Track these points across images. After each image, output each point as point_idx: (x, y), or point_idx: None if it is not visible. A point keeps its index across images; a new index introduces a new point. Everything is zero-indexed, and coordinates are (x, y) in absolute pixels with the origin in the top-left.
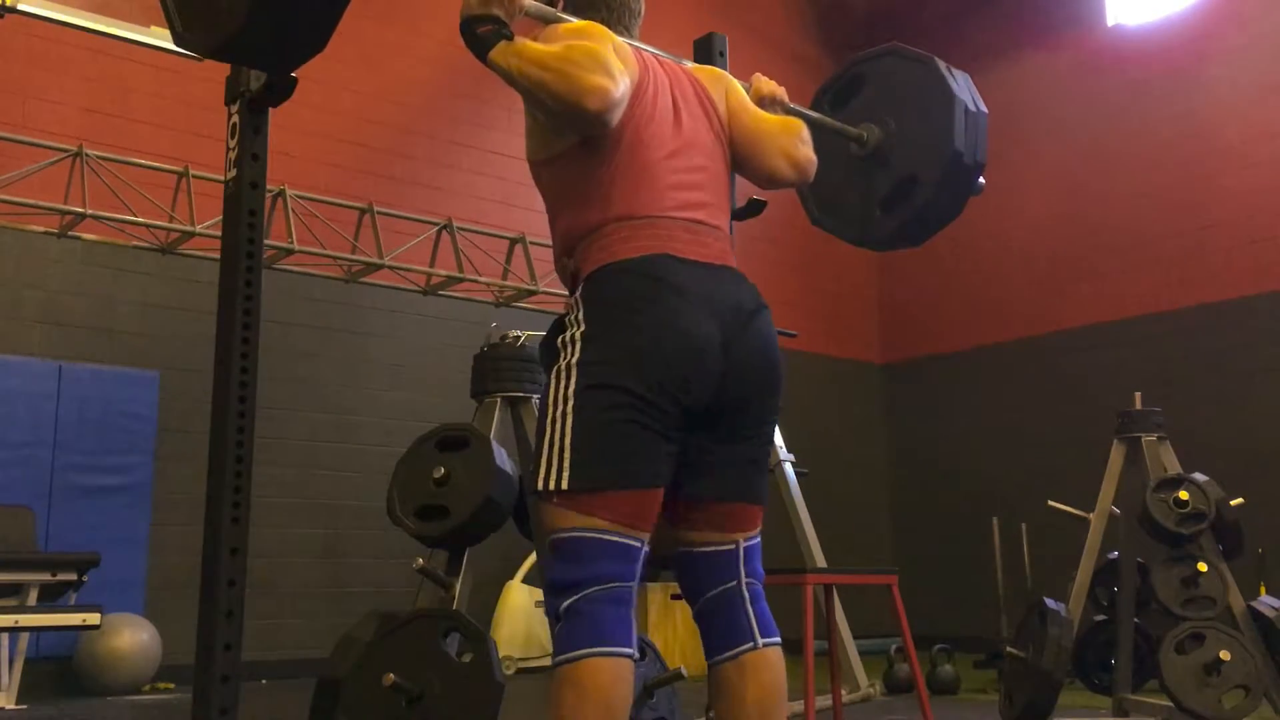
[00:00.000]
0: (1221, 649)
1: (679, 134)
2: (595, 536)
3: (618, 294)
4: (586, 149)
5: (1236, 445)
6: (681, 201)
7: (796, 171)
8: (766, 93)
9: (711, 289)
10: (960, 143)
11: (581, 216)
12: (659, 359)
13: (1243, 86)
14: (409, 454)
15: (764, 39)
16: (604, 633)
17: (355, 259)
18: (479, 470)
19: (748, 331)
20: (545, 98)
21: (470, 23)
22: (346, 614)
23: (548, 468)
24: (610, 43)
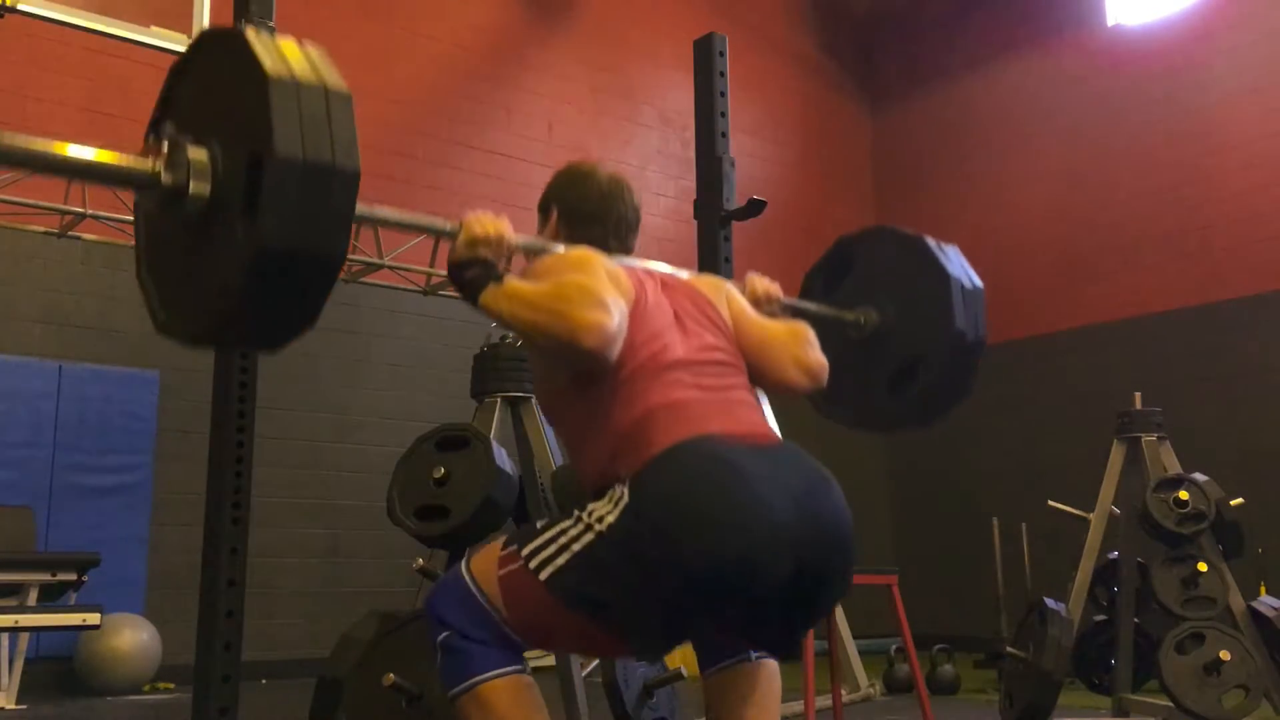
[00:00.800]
0: (1221, 649)
1: (685, 336)
2: (497, 624)
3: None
4: (594, 374)
5: (1236, 445)
6: (707, 386)
7: (810, 379)
8: (761, 292)
9: (774, 466)
10: (961, 323)
11: (613, 427)
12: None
13: (1243, 86)
14: (409, 454)
15: (764, 39)
16: (487, 660)
17: (355, 259)
18: (479, 470)
19: (824, 510)
20: (541, 339)
21: (458, 268)
22: (346, 614)
23: (543, 545)
24: (601, 270)
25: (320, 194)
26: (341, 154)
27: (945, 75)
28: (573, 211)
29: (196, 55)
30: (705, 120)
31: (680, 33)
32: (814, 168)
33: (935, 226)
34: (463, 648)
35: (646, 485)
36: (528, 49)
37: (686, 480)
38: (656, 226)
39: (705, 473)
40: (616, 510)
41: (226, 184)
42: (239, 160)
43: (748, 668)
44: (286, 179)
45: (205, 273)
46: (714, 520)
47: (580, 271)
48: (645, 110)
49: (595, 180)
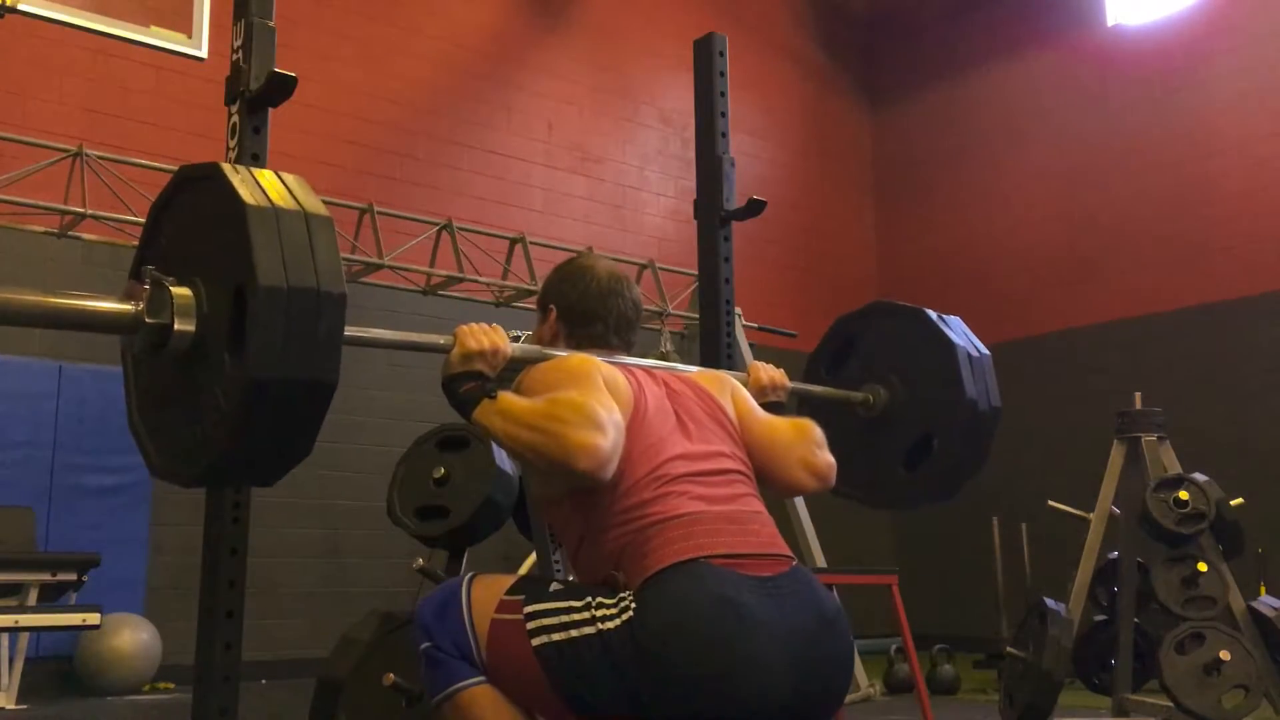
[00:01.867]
0: (1221, 649)
1: (690, 442)
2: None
3: (672, 614)
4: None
5: (1236, 445)
6: (712, 497)
7: (818, 480)
8: (766, 380)
9: (779, 612)
10: (972, 392)
11: (614, 535)
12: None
13: (1243, 86)
14: (409, 454)
15: (764, 39)
16: (469, 670)
17: (355, 259)
18: (479, 470)
19: (820, 666)
20: (533, 458)
21: (452, 381)
22: (346, 614)
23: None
24: (598, 381)
25: (307, 320)
26: (326, 279)
27: (945, 75)
28: (571, 310)
29: (176, 194)
30: (705, 120)
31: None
32: (814, 168)
33: (935, 226)
34: (442, 659)
35: (648, 610)
36: (528, 49)
37: (686, 620)
38: (656, 226)
39: (705, 610)
40: (618, 620)
41: (212, 320)
42: (224, 295)
43: None
44: (271, 308)
45: (197, 411)
46: (708, 674)
47: (576, 385)
48: (645, 110)
49: (594, 277)
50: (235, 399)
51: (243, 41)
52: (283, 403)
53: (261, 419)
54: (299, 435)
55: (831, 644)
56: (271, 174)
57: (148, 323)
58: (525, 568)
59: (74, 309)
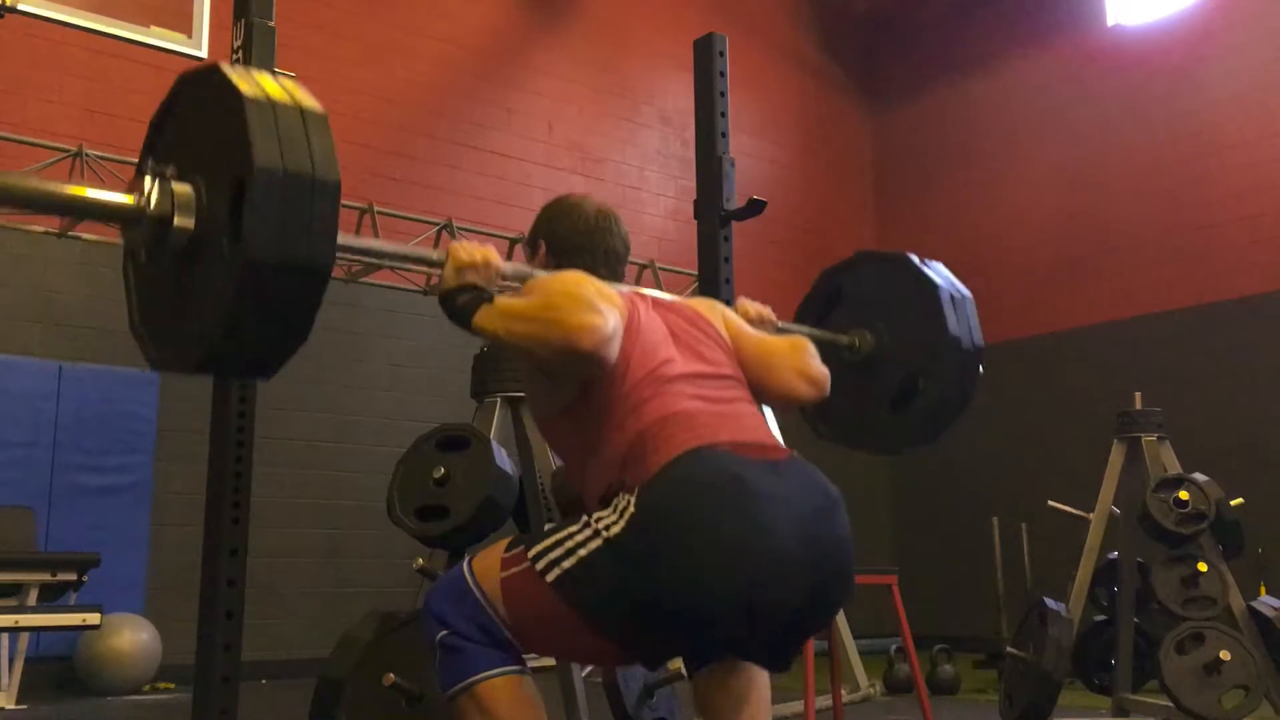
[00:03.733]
0: (1221, 649)
1: (682, 351)
2: (499, 627)
3: (684, 495)
4: (595, 390)
5: (1236, 445)
6: (710, 397)
7: (814, 387)
8: (754, 315)
9: (786, 490)
10: (955, 329)
11: (617, 441)
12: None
13: (1243, 87)
14: (409, 454)
15: (764, 39)
16: (485, 660)
17: (355, 259)
18: (479, 470)
19: (828, 539)
20: (537, 349)
21: (449, 295)
22: (346, 614)
23: (550, 548)
24: (591, 283)
25: (303, 205)
26: (320, 165)
27: (945, 75)
28: (561, 244)
29: (177, 97)
30: (705, 120)
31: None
32: (814, 168)
33: (935, 226)
34: (461, 646)
35: (654, 497)
36: (528, 49)
37: (694, 496)
38: (656, 226)
39: (714, 490)
40: (622, 521)
41: (212, 213)
42: (223, 189)
43: (735, 667)
44: (268, 192)
45: (196, 301)
46: (720, 545)
47: (570, 284)
48: (645, 110)
49: (582, 212)
50: (233, 283)
51: (243, 41)
52: (279, 286)
53: (259, 302)
54: (295, 321)
55: (839, 523)
56: (268, 74)
57: (149, 214)
58: None
59: (79, 198)
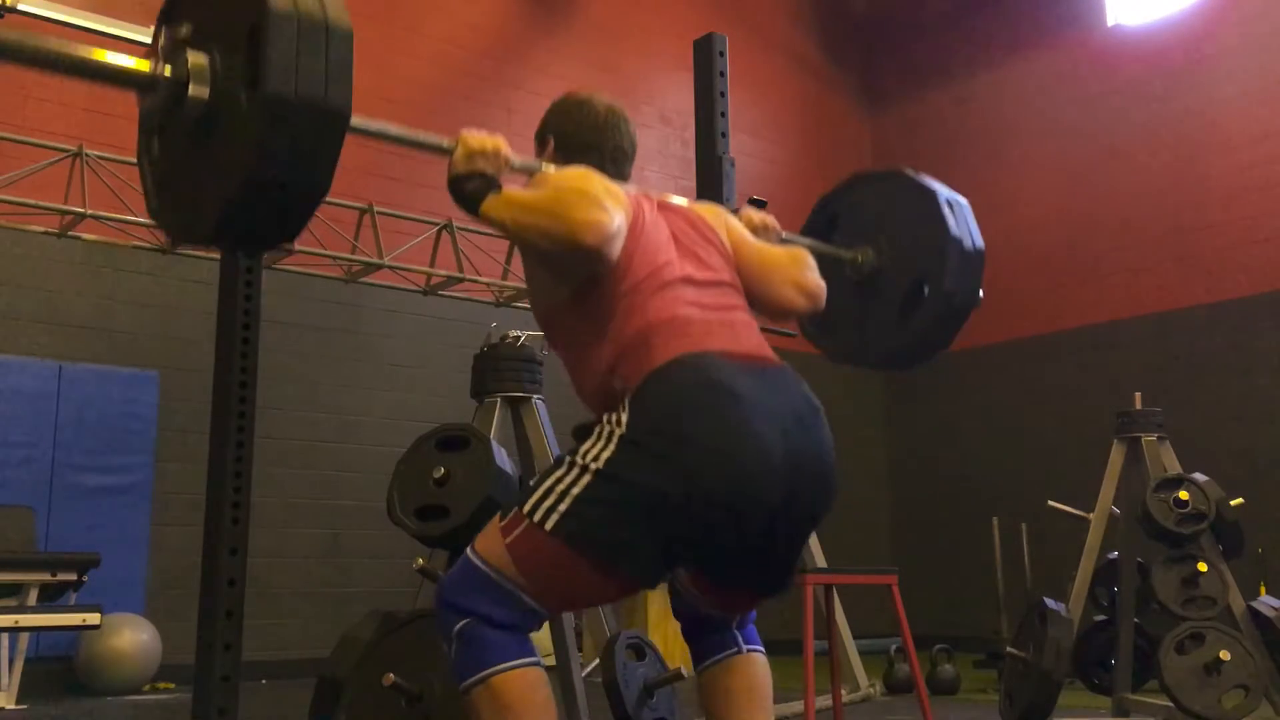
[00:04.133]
0: (1221, 649)
1: (683, 255)
2: (513, 592)
3: (667, 404)
4: (595, 287)
5: (1236, 445)
6: (705, 304)
7: (809, 299)
8: (758, 223)
9: (769, 396)
10: (955, 230)
11: (612, 341)
12: (709, 486)
13: (1242, 86)
14: (409, 454)
15: (764, 39)
16: (504, 651)
17: (355, 259)
18: (479, 470)
19: (807, 441)
20: (541, 241)
21: (458, 180)
22: (346, 614)
23: (542, 498)
24: (599, 181)
25: (317, 48)
26: (333, 12)
27: (945, 76)
28: (568, 140)
29: None
30: (705, 120)
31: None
32: (814, 168)
33: None
34: (480, 636)
35: (643, 404)
36: (528, 49)
37: (683, 400)
38: None
39: (702, 394)
40: (611, 445)
41: (227, 79)
42: (237, 56)
43: (737, 660)
44: (284, 34)
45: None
46: (703, 445)
47: (579, 180)
48: (645, 110)
49: (591, 109)
50: (254, 130)
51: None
52: (298, 126)
53: (278, 147)
54: (315, 167)
55: (821, 431)
56: None
57: (165, 78)
58: None
59: (93, 60)
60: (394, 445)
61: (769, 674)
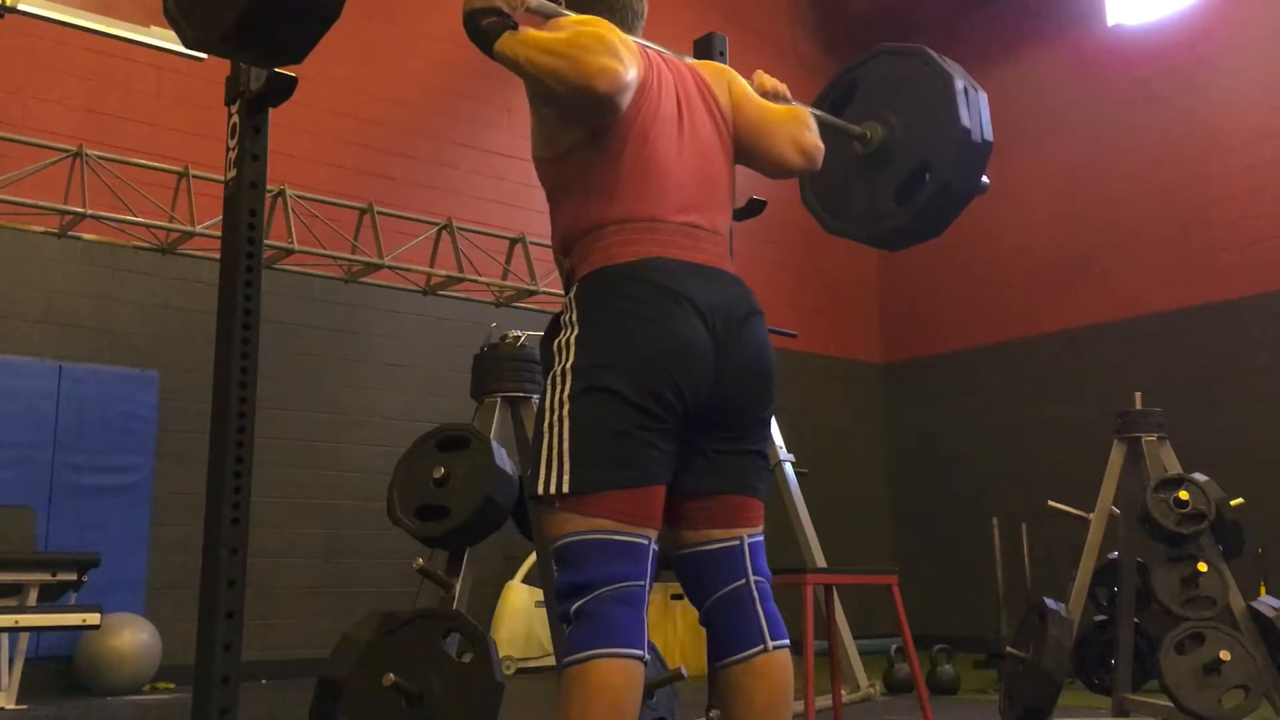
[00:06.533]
0: (1221, 649)
1: (682, 134)
2: (601, 538)
3: (611, 298)
4: (593, 145)
5: (1236, 445)
6: (682, 204)
7: (804, 158)
8: (770, 88)
9: (705, 294)
10: (966, 119)
11: (582, 215)
12: (651, 364)
13: (1243, 86)
14: (409, 454)
15: (764, 39)
16: (614, 634)
17: (355, 259)
18: (479, 470)
19: (740, 337)
20: (554, 82)
21: (474, 15)
22: (346, 614)
23: (547, 472)
24: (616, 31)
25: None
26: None
27: None
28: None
29: None
30: None
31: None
32: None
33: None
34: (599, 613)
35: (594, 294)
36: None
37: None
38: None
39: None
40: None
41: None
42: None
43: (762, 663)
44: None
45: None
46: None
47: (595, 25)
48: None
49: None
50: None
51: None
52: None
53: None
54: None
55: (757, 329)
56: None
57: None
58: (525, 568)
59: None
60: (394, 445)
61: (792, 674)
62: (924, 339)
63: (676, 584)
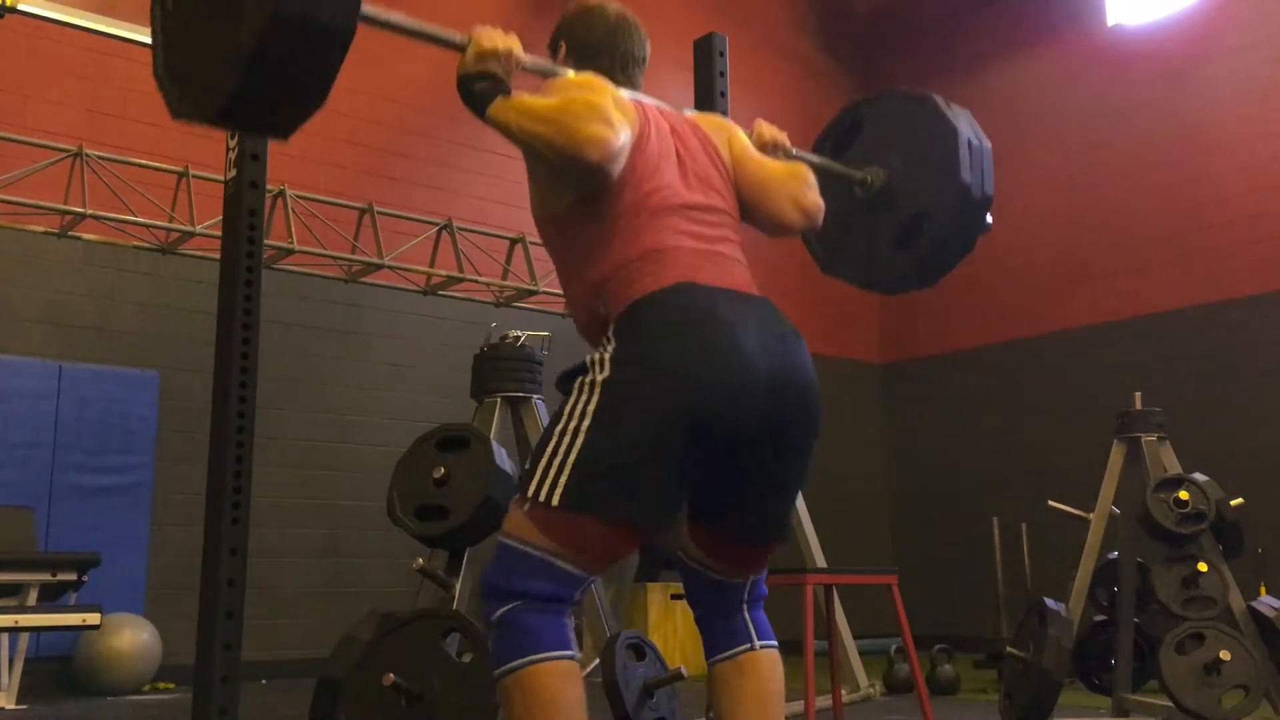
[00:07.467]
0: (1221, 649)
1: (685, 178)
2: (547, 559)
3: (655, 323)
4: (594, 201)
5: (1236, 445)
6: (699, 235)
7: (805, 217)
8: (769, 138)
9: (748, 315)
10: (967, 176)
11: (603, 262)
12: (700, 387)
13: (1242, 86)
14: (409, 454)
15: (764, 39)
16: (540, 641)
17: (355, 259)
18: (479, 470)
19: (784, 361)
20: (545, 151)
21: (467, 80)
22: (346, 614)
23: (541, 479)
24: (609, 94)
25: None
26: None
27: (945, 75)
28: (580, 45)
29: None
30: None
31: (680, 33)
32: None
33: None
34: (520, 622)
35: (629, 328)
36: (528, 49)
37: (667, 321)
38: None
39: (684, 315)
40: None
41: None
42: None
43: (750, 656)
44: None
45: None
46: (687, 359)
47: (589, 90)
48: None
49: (603, 15)
50: (257, 35)
51: None
52: (301, 42)
53: (280, 58)
54: (313, 80)
55: (801, 353)
56: None
57: None
58: None
59: None
60: (394, 445)
61: (781, 672)
62: (924, 339)
63: (677, 584)
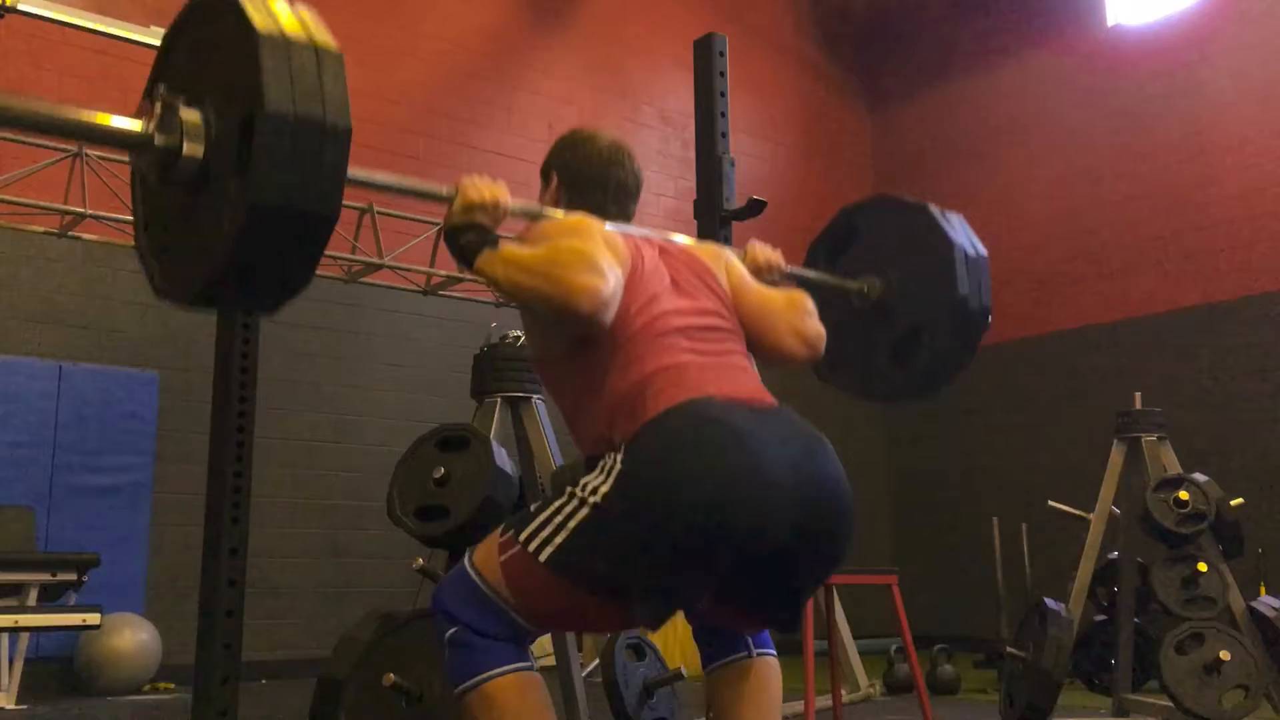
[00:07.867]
0: (1221, 649)
1: (682, 300)
2: (505, 610)
3: (667, 443)
4: (593, 340)
5: (1236, 445)
6: (704, 350)
7: (808, 348)
8: (763, 260)
9: (772, 431)
10: (964, 289)
11: (610, 393)
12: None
13: (1243, 87)
14: (409, 454)
15: (765, 39)
16: (493, 655)
17: (355, 259)
18: (479, 470)
19: (817, 471)
20: (536, 303)
21: (453, 233)
22: (346, 614)
23: (537, 530)
24: (598, 235)
25: (312, 151)
26: (333, 111)
27: (945, 75)
28: (573, 177)
29: (190, 18)
30: (705, 120)
31: (680, 33)
32: (814, 168)
33: None
34: (471, 643)
35: (642, 447)
36: (528, 49)
37: (681, 440)
38: (656, 226)
39: (700, 432)
40: (610, 479)
41: (220, 145)
42: (232, 120)
43: (747, 664)
44: (278, 136)
45: (200, 231)
46: (709, 477)
47: (576, 236)
48: (645, 110)
49: (596, 145)
50: (238, 223)
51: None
52: (283, 230)
53: (261, 245)
54: (297, 265)
55: (830, 462)
56: (286, 3)
57: (157, 144)
58: None
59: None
60: (394, 445)
61: (779, 679)
62: None
63: None
